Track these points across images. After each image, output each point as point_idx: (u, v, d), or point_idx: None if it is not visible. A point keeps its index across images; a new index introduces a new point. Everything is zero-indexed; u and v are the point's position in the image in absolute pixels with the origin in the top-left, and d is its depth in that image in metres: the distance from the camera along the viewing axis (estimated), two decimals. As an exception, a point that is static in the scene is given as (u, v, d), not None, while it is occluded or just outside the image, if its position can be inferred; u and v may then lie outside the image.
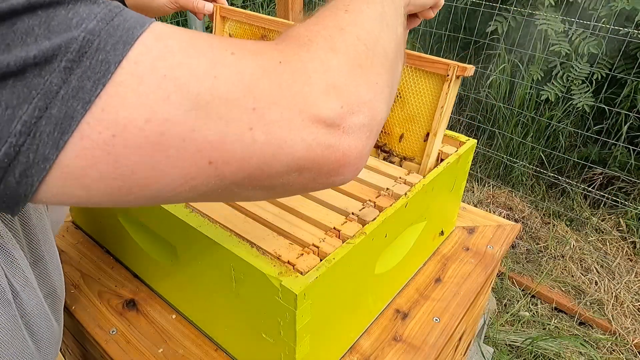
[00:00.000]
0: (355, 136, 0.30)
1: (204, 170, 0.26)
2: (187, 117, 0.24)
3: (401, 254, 0.63)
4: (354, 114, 0.30)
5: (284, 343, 0.47)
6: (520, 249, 2.00)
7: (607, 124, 2.10)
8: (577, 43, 1.99)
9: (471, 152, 0.72)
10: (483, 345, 1.36)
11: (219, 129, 0.25)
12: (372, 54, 0.33)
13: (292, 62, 0.29)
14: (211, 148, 0.25)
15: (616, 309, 1.72)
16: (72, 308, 0.65)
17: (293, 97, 0.28)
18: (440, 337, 0.62)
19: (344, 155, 0.30)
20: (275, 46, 0.30)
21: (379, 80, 0.33)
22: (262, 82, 0.27)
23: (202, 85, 0.25)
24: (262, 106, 0.26)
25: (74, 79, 0.22)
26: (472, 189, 2.32)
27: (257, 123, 0.26)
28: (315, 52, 0.30)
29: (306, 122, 0.28)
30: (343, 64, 0.31)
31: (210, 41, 0.27)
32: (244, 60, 0.27)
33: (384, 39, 0.35)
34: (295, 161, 0.29)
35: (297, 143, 0.28)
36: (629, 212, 2.02)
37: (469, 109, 2.51)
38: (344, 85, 0.30)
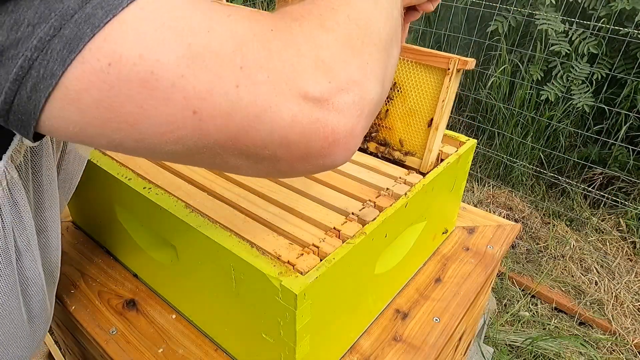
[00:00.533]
0: (344, 113, 0.30)
1: (189, 120, 0.27)
2: (178, 63, 0.25)
3: (401, 254, 0.63)
4: (342, 90, 0.30)
5: (284, 343, 0.47)
6: (520, 249, 2.00)
7: (607, 124, 2.10)
8: (577, 43, 1.99)
9: (471, 152, 0.72)
10: (483, 345, 1.36)
11: (206, 80, 0.26)
12: (363, 34, 0.33)
13: (284, 31, 0.29)
14: (197, 97, 0.26)
15: (616, 309, 1.72)
16: (72, 308, 0.65)
17: (281, 64, 0.28)
18: (440, 337, 0.62)
19: (332, 132, 0.30)
20: (270, 16, 0.31)
21: (370, 60, 0.33)
22: (252, 44, 0.28)
23: (195, 37, 0.26)
24: (249, 66, 0.27)
25: (89, 7, 0.24)
26: (472, 189, 2.32)
27: (243, 81, 0.27)
28: (306, 27, 0.31)
29: (293, 92, 0.28)
30: (332, 41, 0.31)
31: (210, 4, 0.28)
32: (238, 22, 0.28)
33: (377, 19, 0.35)
34: (280, 129, 0.28)
35: (282, 110, 0.28)
36: (629, 212, 2.02)
37: (469, 109, 2.51)
38: (333, 61, 0.30)
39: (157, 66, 0.25)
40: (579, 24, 1.98)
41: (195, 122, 0.27)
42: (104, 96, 0.25)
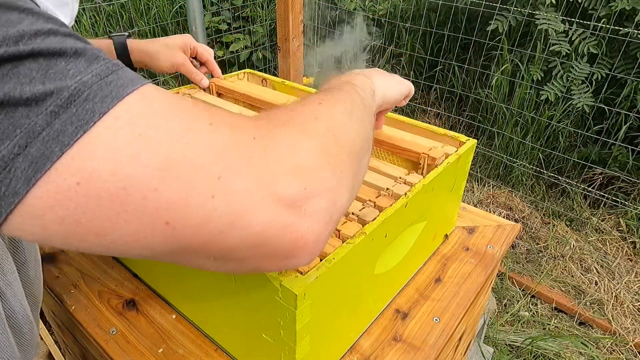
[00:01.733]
0: (315, 219, 0.31)
1: (160, 230, 0.26)
2: (152, 176, 0.25)
3: (401, 254, 0.63)
4: (315, 197, 0.31)
5: (284, 343, 0.47)
6: (520, 249, 2.00)
7: (607, 124, 2.10)
8: (577, 43, 1.99)
9: (471, 152, 0.72)
10: (483, 345, 1.36)
11: (181, 192, 0.26)
12: (340, 144, 0.35)
13: (266, 138, 0.30)
14: (170, 209, 0.26)
15: (616, 309, 1.72)
16: (72, 308, 0.65)
17: (260, 171, 0.29)
18: (440, 337, 0.62)
19: (301, 237, 0.30)
20: (254, 122, 0.32)
21: (344, 169, 0.35)
22: (232, 153, 0.28)
23: (173, 148, 0.26)
24: (227, 175, 0.27)
25: (58, 123, 0.23)
26: (472, 189, 2.32)
27: (220, 191, 0.27)
28: (288, 133, 0.32)
29: (268, 197, 0.29)
30: (312, 148, 0.32)
31: (193, 110, 0.28)
32: (219, 131, 0.28)
33: (352, 132, 0.38)
34: (252, 235, 0.29)
35: (256, 216, 0.28)
36: (629, 212, 2.02)
37: (469, 109, 2.51)
38: (310, 168, 0.31)
39: (129, 182, 0.24)
40: (579, 24, 1.97)
41: (167, 232, 0.27)
42: (70, 213, 0.24)
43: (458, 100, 2.62)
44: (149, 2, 2.49)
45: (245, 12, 2.69)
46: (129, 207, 0.25)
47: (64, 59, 0.24)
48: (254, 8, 2.73)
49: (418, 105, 2.73)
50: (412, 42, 2.69)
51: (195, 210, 0.26)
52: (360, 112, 0.42)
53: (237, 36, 2.63)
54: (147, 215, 0.25)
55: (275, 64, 2.79)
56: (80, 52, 0.25)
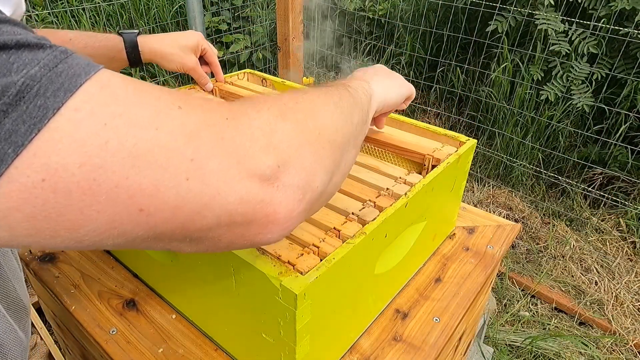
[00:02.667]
0: (287, 194, 0.31)
1: (134, 217, 0.26)
2: (123, 165, 0.24)
3: (401, 254, 0.63)
4: (289, 173, 0.31)
5: (284, 343, 0.47)
6: (520, 249, 2.00)
7: (607, 124, 2.10)
8: (577, 43, 1.99)
9: (471, 152, 0.72)
10: (483, 345, 1.36)
11: (154, 177, 0.25)
12: (319, 129, 0.35)
13: (239, 118, 0.30)
14: (144, 195, 0.25)
15: (616, 309, 1.72)
16: (72, 308, 0.65)
17: (233, 149, 0.28)
18: (440, 337, 0.62)
19: (273, 212, 0.31)
20: (227, 105, 0.31)
21: (323, 152, 0.34)
22: (204, 134, 0.27)
23: (142, 135, 0.25)
24: (201, 157, 0.27)
25: (8, 122, 0.22)
26: (472, 189, 2.32)
27: (193, 173, 0.27)
28: (264, 113, 0.32)
29: (242, 174, 0.29)
30: (289, 129, 0.32)
31: (159, 93, 0.27)
32: (190, 113, 0.28)
33: (336, 122, 0.38)
34: (227, 213, 0.29)
35: (230, 194, 0.28)
36: (629, 212, 2.02)
37: (469, 109, 2.51)
38: (285, 147, 0.31)
39: (99, 172, 0.23)
40: (578, 24, 1.97)
41: (141, 218, 0.26)
42: (37, 210, 0.23)
43: (458, 100, 2.62)
44: (149, 2, 2.49)
45: (245, 12, 2.69)
46: (100, 197, 0.24)
47: (5, 52, 0.22)
48: (254, 8, 2.73)
49: (418, 105, 2.73)
50: (412, 42, 2.69)
51: (169, 194, 0.26)
52: (349, 106, 0.42)
53: (237, 36, 2.63)
54: (120, 203, 0.25)
55: (275, 64, 2.79)
56: (22, 42, 0.23)
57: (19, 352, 0.48)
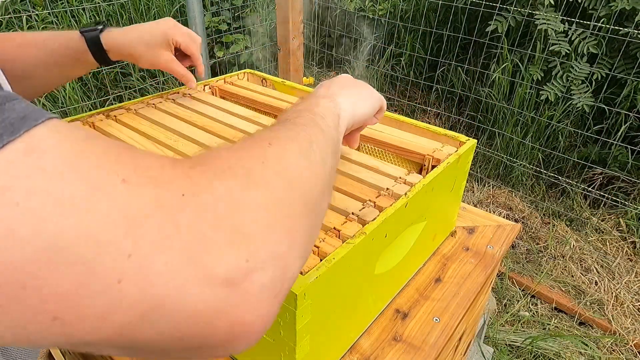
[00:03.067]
0: (258, 298, 0.24)
1: (47, 327, 0.20)
2: (34, 260, 0.19)
3: (401, 254, 0.63)
4: (260, 270, 0.24)
5: (284, 343, 0.47)
6: (520, 249, 2.00)
7: (607, 124, 2.10)
8: (577, 43, 1.99)
9: (471, 152, 0.72)
10: (483, 345, 1.36)
11: (75, 279, 0.19)
12: (293, 193, 0.29)
13: (200, 195, 0.24)
14: (59, 301, 0.19)
15: (616, 309, 1.72)
16: (72, 308, 0.65)
17: (189, 241, 0.22)
18: (440, 337, 0.62)
19: (239, 322, 0.24)
20: (187, 170, 0.25)
21: (299, 225, 0.28)
22: (150, 221, 0.21)
23: (65, 221, 0.19)
24: (143, 252, 0.21)
25: None
26: (472, 189, 2.32)
27: (130, 274, 0.20)
28: (230, 185, 0.26)
29: (198, 276, 0.22)
30: (259, 202, 0.26)
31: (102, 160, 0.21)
32: (136, 190, 0.22)
33: (310, 176, 0.32)
34: (175, 327, 0.22)
35: (179, 303, 0.22)
36: (629, 212, 2.02)
37: (469, 109, 2.52)
38: (256, 231, 0.25)
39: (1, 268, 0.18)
40: (578, 24, 1.98)
41: (54, 328, 0.20)
42: None
43: (458, 100, 2.62)
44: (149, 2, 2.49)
45: (245, 12, 2.70)
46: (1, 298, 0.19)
47: None
48: (254, 8, 2.73)
49: (418, 105, 2.73)
50: (412, 42, 2.69)
51: (93, 301, 0.20)
52: (321, 148, 0.36)
53: (237, 36, 2.63)
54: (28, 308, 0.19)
55: (275, 64, 2.79)
56: None
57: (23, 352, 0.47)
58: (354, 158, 0.68)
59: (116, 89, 2.32)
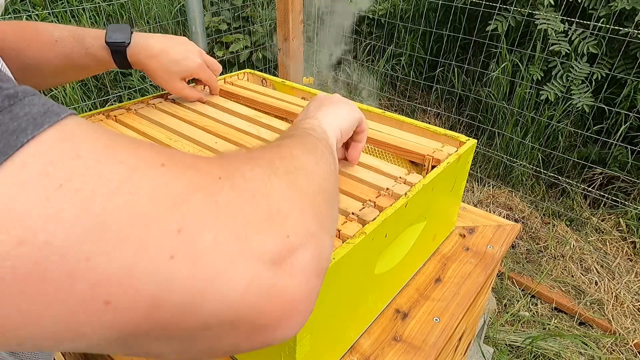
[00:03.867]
0: (304, 274, 0.25)
1: (98, 314, 0.19)
2: (82, 242, 0.18)
3: (401, 254, 0.63)
4: (302, 246, 0.25)
5: (284, 343, 0.47)
6: (520, 249, 2.00)
7: (606, 124, 2.10)
8: (577, 43, 1.99)
9: (471, 152, 0.72)
10: (483, 345, 1.36)
11: (126, 258, 0.19)
12: (312, 185, 0.30)
13: (233, 178, 0.25)
14: (111, 283, 0.19)
15: (616, 309, 1.72)
16: (72, 308, 0.65)
17: (232, 218, 0.23)
18: (440, 337, 0.62)
19: (291, 300, 0.24)
20: (216, 161, 0.26)
21: (322, 211, 0.29)
22: (194, 198, 0.22)
23: (110, 201, 0.19)
24: (190, 227, 0.21)
25: None
26: (472, 189, 2.32)
27: (181, 249, 0.20)
28: (258, 172, 0.27)
29: (246, 253, 0.22)
30: (286, 189, 0.27)
31: (136, 148, 0.22)
32: (175, 172, 0.22)
33: (320, 172, 0.34)
34: (229, 305, 0.22)
35: (232, 279, 0.22)
36: (629, 212, 2.02)
37: (469, 109, 2.52)
38: (289, 211, 0.26)
39: (45, 252, 0.17)
40: (578, 24, 1.98)
41: (107, 315, 0.19)
42: None
43: (458, 100, 2.63)
44: (149, 2, 2.49)
45: (245, 12, 2.70)
46: (47, 289, 0.18)
47: None
48: (254, 8, 2.73)
49: (418, 105, 2.73)
50: (412, 42, 2.69)
51: (147, 279, 0.19)
52: (323, 150, 0.38)
53: (237, 36, 2.63)
54: (76, 296, 0.18)
55: (275, 64, 2.79)
56: None
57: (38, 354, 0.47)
58: (354, 158, 0.68)
59: (116, 89, 2.32)
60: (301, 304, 0.25)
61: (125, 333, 0.20)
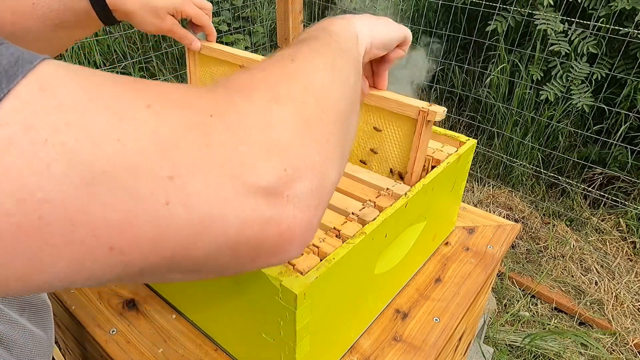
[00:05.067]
0: (301, 205, 0.25)
1: (104, 259, 0.21)
2: (77, 194, 0.19)
3: (401, 254, 0.63)
4: (299, 178, 0.25)
5: (284, 343, 0.47)
6: (520, 249, 2.00)
7: (607, 124, 2.10)
8: (577, 43, 1.99)
9: (471, 152, 0.72)
10: (483, 345, 1.36)
11: (122, 206, 0.20)
12: (321, 108, 0.29)
13: (227, 114, 0.24)
14: (112, 231, 0.20)
15: (616, 309, 1.72)
16: (72, 308, 0.65)
17: (225, 159, 0.23)
18: (440, 337, 0.62)
19: (288, 229, 0.25)
20: (208, 94, 0.25)
21: (330, 137, 0.28)
22: (184, 142, 0.22)
23: (99, 152, 0.19)
24: (182, 173, 0.21)
25: None
26: (472, 189, 2.32)
27: (175, 195, 0.21)
28: (256, 102, 0.26)
29: (240, 191, 0.23)
30: (288, 117, 0.26)
31: (120, 90, 0.21)
32: (162, 114, 0.22)
33: (336, 90, 0.31)
34: (227, 240, 0.23)
35: (228, 218, 0.23)
36: (629, 212, 2.02)
37: (469, 109, 2.52)
38: (289, 143, 0.25)
39: (45, 208, 0.18)
40: (578, 24, 1.98)
41: (113, 258, 0.21)
42: None
43: (458, 100, 2.63)
44: (148, 2, 2.49)
45: (245, 12, 2.70)
46: (53, 240, 0.19)
47: None
48: (254, 8, 2.73)
49: (418, 105, 2.73)
50: (412, 42, 2.69)
51: (146, 225, 0.20)
52: (343, 63, 0.35)
53: (237, 36, 2.63)
54: (81, 244, 0.19)
55: (275, 64, 2.78)
56: None
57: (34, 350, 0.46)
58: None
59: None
60: (299, 234, 0.26)
61: (133, 271, 0.22)
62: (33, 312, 0.48)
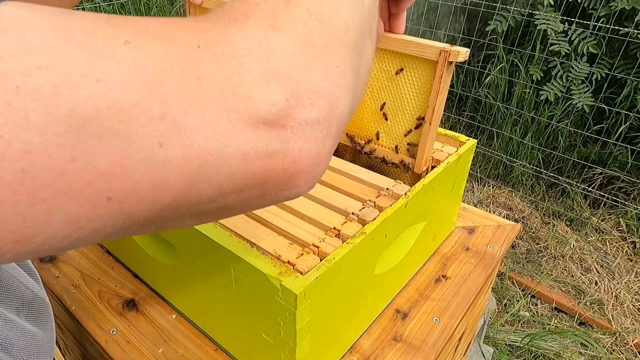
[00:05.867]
0: (307, 136, 0.24)
1: (103, 210, 0.19)
2: (62, 142, 0.17)
3: (401, 254, 0.63)
4: (304, 107, 0.23)
5: (284, 343, 0.47)
6: (520, 249, 2.00)
7: (606, 124, 2.10)
8: (577, 43, 1.99)
9: (471, 152, 0.72)
10: (483, 345, 1.36)
11: (113, 152, 0.18)
12: (328, 31, 0.26)
13: (217, 44, 0.22)
14: (106, 179, 0.18)
15: (616, 309, 1.72)
16: (72, 308, 0.65)
17: (217, 91, 0.21)
18: (440, 337, 0.62)
19: (293, 163, 0.24)
20: (196, 24, 0.23)
21: (339, 63, 0.26)
22: (170, 77, 0.20)
23: (78, 95, 0.17)
24: (173, 111, 0.20)
25: None
26: (472, 189, 2.32)
27: (168, 135, 0.20)
28: (250, 29, 0.23)
29: (238, 124, 0.21)
30: (289, 43, 0.24)
31: (93, 27, 0.19)
32: (144, 49, 0.20)
33: (344, 11, 0.28)
34: (230, 178, 0.22)
35: (228, 154, 0.21)
36: (629, 212, 2.02)
37: (469, 109, 2.52)
38: (290, 70, 0.23)
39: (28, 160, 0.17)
40: (578, 24, 1.98)
41: (112, 209, 0.19)
42: None
43: (458, 100, 2.62)
44: (149, 2, 2.49)
45: (245, 12, 2.70)
46: (43, 194, 0.17)
47: None
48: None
49: (418, 105, 2.73)
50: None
51: (141, 170, 0.19)
52: None
53: None
54: (76, 196, 0.18)
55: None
56: None
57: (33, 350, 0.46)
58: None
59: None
60: (306, 167, 0.24)
61: (138, 221, 0.21)
62: (30, 312, 0.48)
